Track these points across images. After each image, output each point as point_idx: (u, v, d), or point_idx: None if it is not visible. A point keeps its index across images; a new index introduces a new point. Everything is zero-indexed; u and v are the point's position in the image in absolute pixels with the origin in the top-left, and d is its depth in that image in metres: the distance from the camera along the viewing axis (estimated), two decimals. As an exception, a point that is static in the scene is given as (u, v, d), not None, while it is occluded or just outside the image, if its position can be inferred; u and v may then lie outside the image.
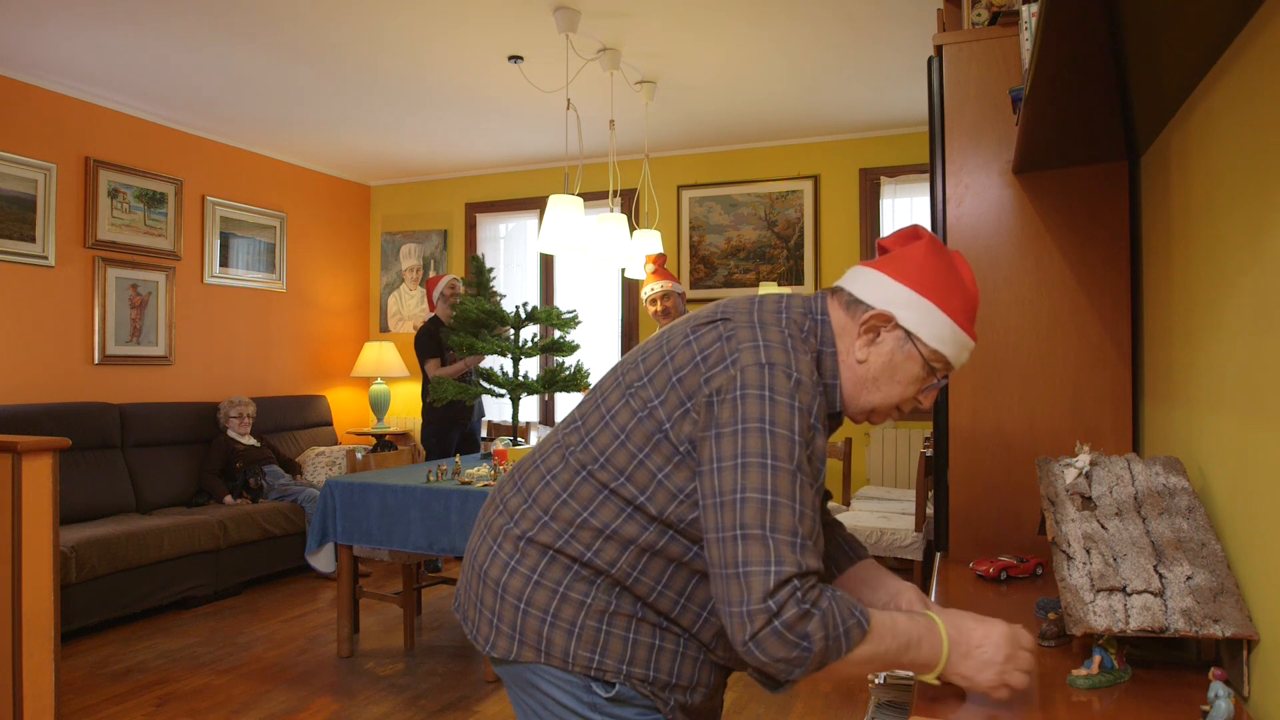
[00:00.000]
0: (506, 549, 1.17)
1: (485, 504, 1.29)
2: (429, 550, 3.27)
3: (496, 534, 1.20)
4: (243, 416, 5.06)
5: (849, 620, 0.98)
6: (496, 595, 1.16)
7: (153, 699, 3.08)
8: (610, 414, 1.14)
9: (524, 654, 1.13)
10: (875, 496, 4.60)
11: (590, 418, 1.17)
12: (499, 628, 1.16)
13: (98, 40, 3.89)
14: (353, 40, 3.86)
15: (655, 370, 1.12)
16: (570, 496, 1.14)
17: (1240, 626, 1.09)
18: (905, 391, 1.16)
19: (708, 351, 1.08)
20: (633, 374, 1.15)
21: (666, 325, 1.21)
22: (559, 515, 1.14)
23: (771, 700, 3.05)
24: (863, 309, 1.15)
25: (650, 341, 1.21)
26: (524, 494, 1.19)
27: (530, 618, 1.13)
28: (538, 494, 1.17)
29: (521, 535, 1.16)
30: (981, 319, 1.89)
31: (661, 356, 1.13)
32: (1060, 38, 1.09)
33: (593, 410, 1.18)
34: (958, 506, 1.90)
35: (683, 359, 1.10)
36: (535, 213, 6.24)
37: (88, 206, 4.66)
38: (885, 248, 1.21)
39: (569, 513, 1.13)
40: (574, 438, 1.17)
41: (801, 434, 1.02)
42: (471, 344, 4.02)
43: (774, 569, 0.96)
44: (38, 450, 2.44)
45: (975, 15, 1.96)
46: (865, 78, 4.35)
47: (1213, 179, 1.26)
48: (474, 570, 1.21)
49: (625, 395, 1.14)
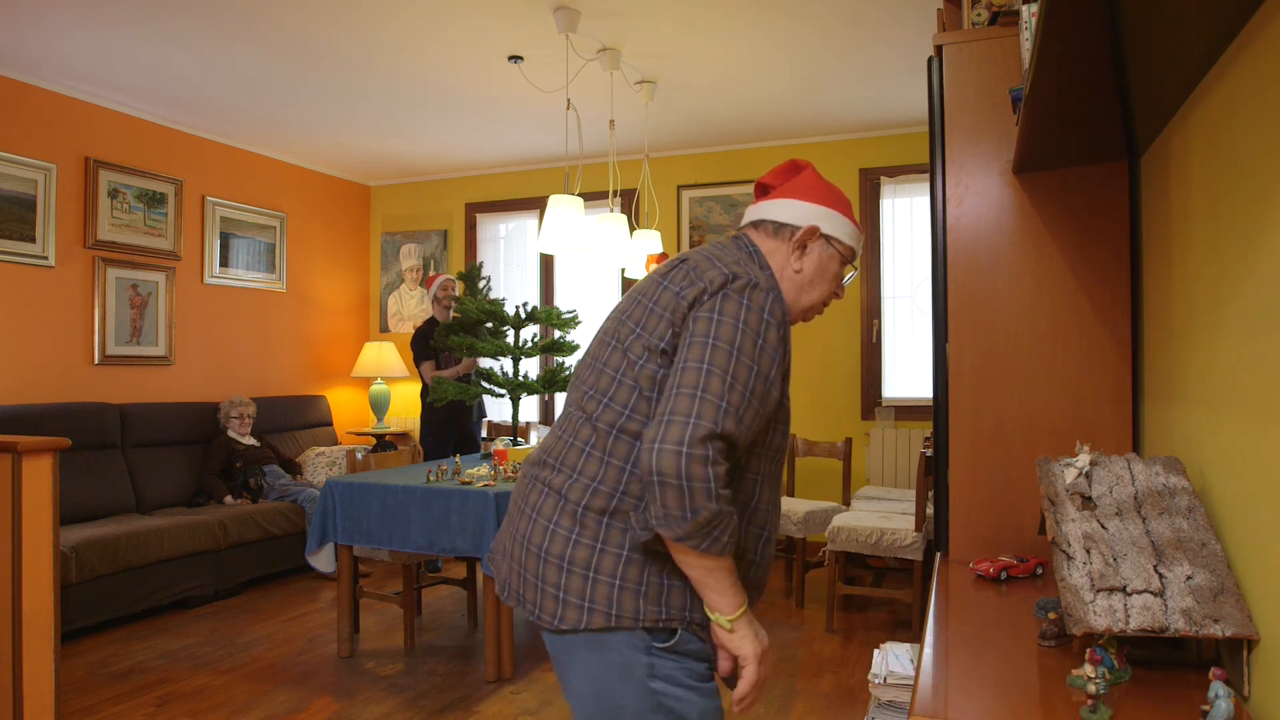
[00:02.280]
0: (565, 524, 1.25)
1: (520, 492, 1.36)
2: (429, 550, 3.27)
3: (550, 513, 1.27)
4: (243, 416, 5.06)
5: (728, 537, 1.18)
6: (562, 569, 1.24)
7: (153, 699, 3.08)
8: (618, 372, 1.27)
9: (594, 621, 1.22)
10: (875, 496, 4.60)
11: (600, 381, 1.29)
12: (566, 600, 1.23)
13: (98, 40, 3.89)
14: (353, 40, 3.86)
15: (644, 319, 1.28)
16: (610, 456, 1.25)
17: (1240, 626, 1.09)
18: (831, 286, 1.43)
19: (681, 284, 1.27)
20: (624, 329, 1.30)
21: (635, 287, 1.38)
22: (606, 478, 1.24)
23: (771, 700, 3.05)
24: (789, 230, 1.39)
25: (626, 301, 1.36)
26: (567, 469, 1.28)
27: (599, 584, 1.22)
28: (581, 465, 1.27)
29: (578, 505, 1.25)
30: (982, 319, 1.89)
31: (646, 308, 1.29)
32: (1060, 38, 1.09)
33: (598, 375, 1.30)
34: (958, 506, 1.90)
35: (665, 300, 1.27)
36: (535, 213, 6.24)
37: (88, 206, 4.66)
38: (771, 184, 1.46)
39: (614, 472, 1.24)
40: (592, 405, 1.28)
41: (760, 327, 1.22)
42: (471, 344, 4.02)
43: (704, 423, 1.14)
44: (38, 450, 2.44)
45: (975, 15, 1.96)
46: (865, 78, 4.35)
47: (1213, 179, 1.26)
48: (529, 552, 1.28)
49: (624, 351, 1.28)
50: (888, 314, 5.31)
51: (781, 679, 3.27)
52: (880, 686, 2.03)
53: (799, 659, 3.49)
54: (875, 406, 5.27)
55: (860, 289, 5.33)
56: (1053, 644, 1.28)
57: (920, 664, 1.22)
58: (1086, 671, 1.04)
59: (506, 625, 3.26)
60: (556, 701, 3.05)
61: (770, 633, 3.84)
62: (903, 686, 2.00)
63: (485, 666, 3.25)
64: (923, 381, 5.17)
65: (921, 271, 5.22)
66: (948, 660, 1.23)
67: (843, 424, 5.33)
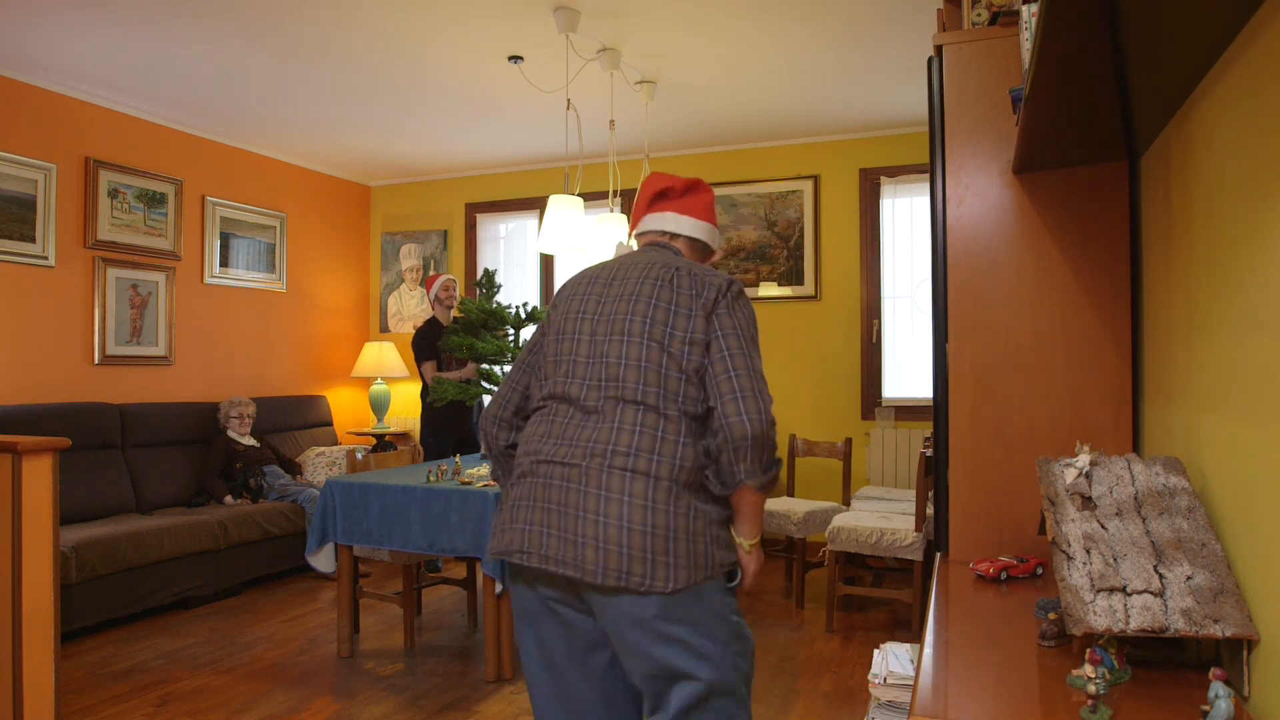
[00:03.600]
0: (661, 499, 1.45)
1: (589, 485, 1.48)
2: (429, 550, 3.27)
3: (644, 492, 1.45)
4: (243, 416, 5.06)
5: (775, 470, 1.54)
6: (668, 539, 1.44)
7: (153, 699, 3.08)
8: (663, 367, 1.52)
9: (697, 576, 1.45)
10: (875, 496, 4.60)
11: (648, 376, 1.52)
12: (675, 564, 1.44)
13: (98, 40, 3.89)
14: (353, 40, 3.86)
15: (671, 320, 1.54)
16: (685, 436, 1.50)
17: (1240, 626, 1.09)
18: None
19: (693, 289, 1.57)
20: (653, 330, 1.54)
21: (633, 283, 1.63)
22: (686, 455, 1.48)
23: (771, 700, 3.05)
24: (704, 248, 1.79)
25: (622, 303, 1.59)
26: (645, 454, 1.48)
27: (696, 544, 1.46)
28: (659, 449, 1.48)
29: (671, 481, 1.47)
30: (982, 319, 1.89)
31: (668, 310, 1.55)
32: (1060, 37, 1.09)
33: (639, 371, 1.52)
34: (958, 506, 1.90)
35: (684, 302, 1.55)
36: (535, 213, 6.24)
37: (88, 206, 4.66)
38: (673, 191, 1.77)
39: (691, 450, 1.49)
40: (651, 398, 1.51)
41: (754, 318, 1.62)
42: (471, 344, 4.02)
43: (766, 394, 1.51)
44: (38, 450, 2.44)
45: (975, 15, 1.96)
46: (865, 78, 4.35)
47: (1213, 179, 1.26)
48: (631, 531, 1.43)
49: (663, 348, 1.53)
50: (888, 314, 5.31)
51: (781, 679, 3.27)
52: (880, 686, 2.03)
53: (799, 659, 3.49)
54: (875, 406, 5.27)
55: (860, 289, 5.33)
56: (1053, 644, 1.28)
57: (920, 664, 1.22)
58: (1086, 671, 1.04)
59: (506, 625, 3.26)
60: (556, 701, 3.05)
61: (770, 633, 3.84)
62: (903, 686, 2.00)
63: (485, 666, 3.25)
64: (923, 381, 5.17)
65: (921, 271, 5.22)
66: (948, 660, 1.24)
67: (843, 424, 5.33)
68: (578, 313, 1.63)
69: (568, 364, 1.58)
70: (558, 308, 1.71)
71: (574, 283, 1.72)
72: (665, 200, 1.78)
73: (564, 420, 1.56)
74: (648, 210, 1.81)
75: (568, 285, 1.74)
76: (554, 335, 1.66)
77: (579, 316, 1.62)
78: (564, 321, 1.65)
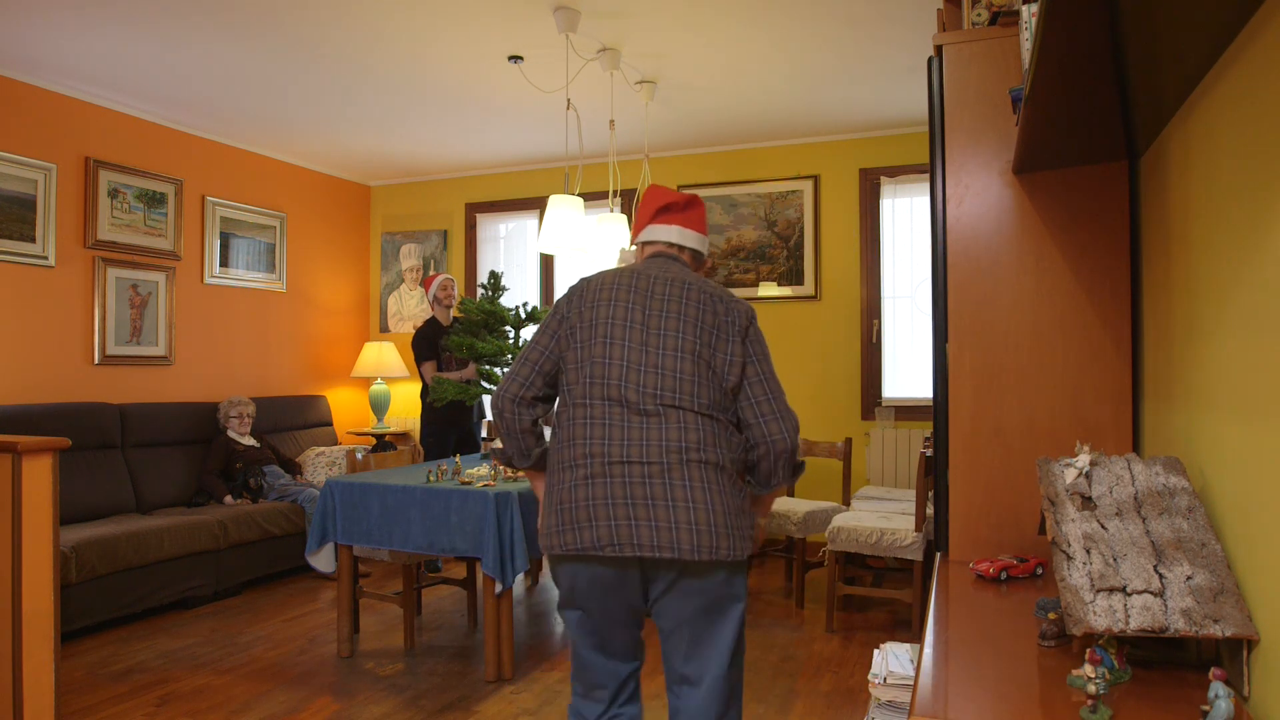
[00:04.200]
0: (727, 485, 1.76)
1: (674, 478, 1.73)
2: (429, 550, 3.27)
3: (715, 480, 1.75)
4: (243, 416, 5.06)
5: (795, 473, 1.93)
6: (731, 514, 1.75)
7: (153, 699, 3.08)
8: (705, 381, 1.79)
9: (750, 547, 1.79)
10: (875, 496, 4.60)
11: (700, 389, 1.79)
12: (741, 535, 1.76)
13: (98, 40, 3.89)
14: (353, 40, 3.86)
15: (714, 341, 1.82)
16: (732, 437, 1.80)
17: (1240, 626, 1.09)
18: None
19: (727, 315, 1.86)
20: (701, 348, 1.80)
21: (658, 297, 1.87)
22: (734, 450, 1.80)
23: (771, 700, 3.05)
24: (702, 258, 2.05)
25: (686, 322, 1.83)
26: (710, 449, 1.76)
27: (747, 519, 1.80)
28: (719, 445, 1.77)
29: (731, 471, 1.78)
30: (981, 319, 1.89)
31: (711, 332, 1.83)
32: (1060, 38, 1.10)
33: (693, 383, 1.78)
34: (958, 506, 1.90)
35: (724, 327, 1.84)
36: (535, 213, 6.24)
37: (88, 206, 4.66)
38: (675, 205, 2.01)
39: (736, 448, 1.81)
40: (703, 407, 1.78)
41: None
42: (471, 344, 4.02)
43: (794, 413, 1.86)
44: (38, 450, 2.44)
45: (975, 15, 1.96)
46: (865, 78, 4.35)
47: (1213, 179, 1.26)
48: (714, 510, 1.73)
49: (709, 364, 1.81)
50: (888, 314, 5.31)
51: (781, 679, 3.27)
52: (880, 686, 2.03)
53: (799, 659, 3.49)
54: (875, 406, 5.27)
55: (860, 289, 5.33)
56: (1053, 644, 1.28)
57: (920, 664, 1.22)
58: (1086, 671, 1.04)
59: (506, 625, 3.26)
60: (556, 701, 3.05)
61: (770, 633, 3.84)
62: (903, 686, 2.00)
63: (485, 666, 3.25)
64: (923, 381, 5.17)
65: (921, 271, 5.22)
66: (948, 660, 1.23)
67: (843, 424, 5.33)
68: (623, 320, 1.81)
69: (619, 368, 1.77)
70: (586, 308, 1.85)
71: (601, 286, 1.87)
72: (670, 214, 2.00)
73: (621, 423, 1.75)
74: (652, 221, 2.01)
75: (593, 288, 1.88)
76: (590, 337, 1.82)
77: (625, 324, 1.81)
78: (603, 326, 1.82)
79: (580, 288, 1.90)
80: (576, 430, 1.77)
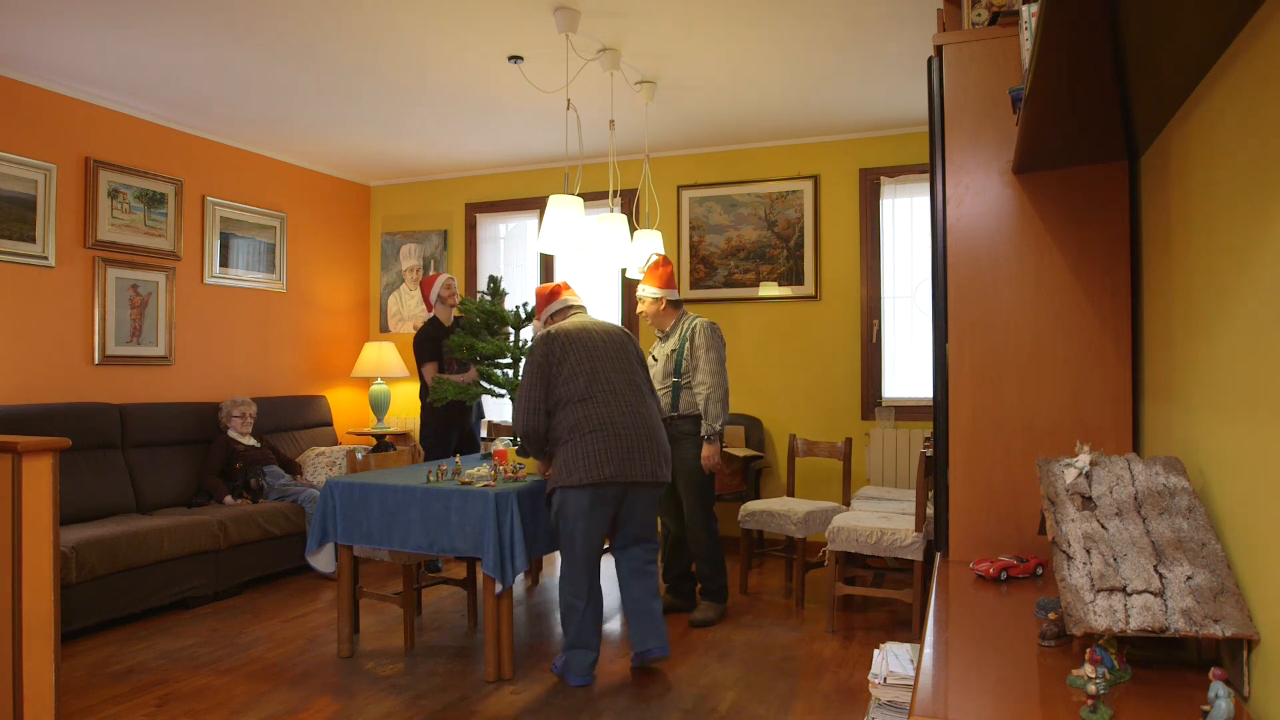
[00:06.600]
0: (665, 434, 3.39)
1: (647, 430, 3.22)
2: (429, 550, 3.27)
3: (662, 430, 3.32)
4: (245, 417, 5.06)
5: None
6: (661, 449, 3.27)
7: (153, 699, 3.08)
8: (641, 376, 3.38)
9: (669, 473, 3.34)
10: (875, 496, 4.60)
11: (645, 386, 3.37)
12: (668, 465, 3.32)
13: (98, 40, 3.89)
14: (353, 40, 3.86)
15: (641, 368, 3.43)
16: (658, 404, 3.46)
17: (1240, 626, 1.09)
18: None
19: (628, 341, 3.44)
20: (641, 372, 3.42)
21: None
22: (660, 410, 3.46)
23: (771, 700, 3.05)
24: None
25: (628, 359, 3.40)
26: (658, 412, 3.37)
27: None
28: (658, 408, 3.40)
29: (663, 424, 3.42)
30: (981, 319, 1.89)
31: (632, 353, 3.43)
32: (1060, 37, 1.09)
33: (643, 385, 3.37)
34: (958, 506, 1.90)
35: (630, 348, 3.42)
36: (535, 213, 6.24)
37: (88, 207, 4.66)
38: (561, 285, 3.56)
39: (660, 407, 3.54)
40: (645, 387, 3.36)
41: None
42: (471, 344, 4.02)
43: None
44: (38, 450, 2.44)
45: (975, 15, 1.96)
46: (865, 78, 4.35)
47: (1213, 179, 1.26)
48: (663, 450, 3.28)
49: (644, 376, 3.41)
50: (888, 314, 5.31)
51: (781, 679, 3.27)
52: (880, 686, 2.03)
53: (799, 659, 3.49)
54: (875, 406, 5.27)
55: (860, 289, 5.33)
56: (1053, 644, 1.28)
57: (920, 664, 1.22)
58: (1086, 671, 1.04)
59: (506, 625, 3.26)
60: (556, 701, 3.05)
61: (770, 633, 3.84)
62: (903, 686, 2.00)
63: (485, 666, 3.25)
64: (923, 381, 5.17)
65: (921, 271, 5.22)
66: (948, 660, 1.23)
67: (843, 424, 5.33)
68: (600, 358, 3.22)
69: (603, 383, 3.18)
70: (558, 353, 3.20)
71: (567, 341, 3.22)
72: (561, 288, 3.56)
73: (617, 404, 3.17)
74: (556, 297, 3.53)
75: (559, 343, 3.22)
76: (575, 371, 3.17)
77: (600, 360, 3.22)
78: (583, 364, 3.18)
79: (548, 343, 3.20)
80: (587, 412, 3.12)
